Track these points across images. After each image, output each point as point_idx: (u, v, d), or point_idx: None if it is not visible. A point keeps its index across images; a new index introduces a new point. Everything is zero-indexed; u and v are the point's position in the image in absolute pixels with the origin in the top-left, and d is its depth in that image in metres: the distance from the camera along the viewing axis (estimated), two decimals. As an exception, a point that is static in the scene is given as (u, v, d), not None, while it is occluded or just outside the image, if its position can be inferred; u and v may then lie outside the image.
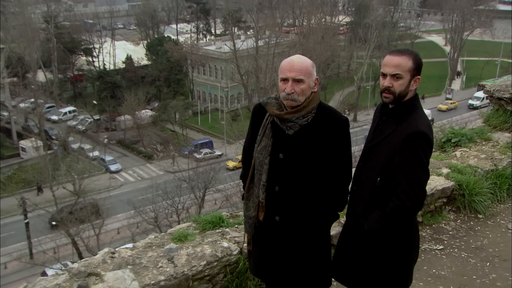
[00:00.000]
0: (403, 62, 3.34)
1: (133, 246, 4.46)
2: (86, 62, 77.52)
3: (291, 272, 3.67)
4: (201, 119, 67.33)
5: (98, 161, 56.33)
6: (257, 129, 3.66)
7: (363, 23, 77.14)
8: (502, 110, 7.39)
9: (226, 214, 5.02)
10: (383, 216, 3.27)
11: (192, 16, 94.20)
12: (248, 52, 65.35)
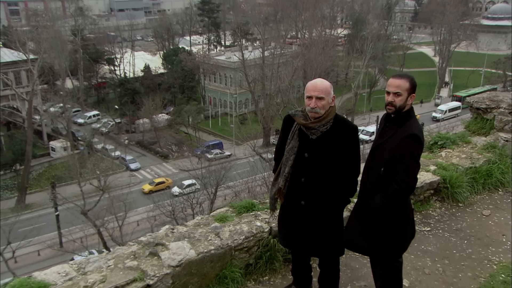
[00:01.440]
0: (402, 83, 4.03)
1: (185, 225, 5.12)
2: (108, 70, 77.33)
3: (313, 243, 4.30)
4: (212, 123, 67.42)
5: (120, 160, 56.35)
6: (286, 134, 4.28)
7: (359, 35, 76.62)
8: (480, 118, 7.70)
9: (256, 201, 5.63)
10: (385, 196, 3.90)
11: (204, 29, 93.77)
12: (255, 61, 64.97)
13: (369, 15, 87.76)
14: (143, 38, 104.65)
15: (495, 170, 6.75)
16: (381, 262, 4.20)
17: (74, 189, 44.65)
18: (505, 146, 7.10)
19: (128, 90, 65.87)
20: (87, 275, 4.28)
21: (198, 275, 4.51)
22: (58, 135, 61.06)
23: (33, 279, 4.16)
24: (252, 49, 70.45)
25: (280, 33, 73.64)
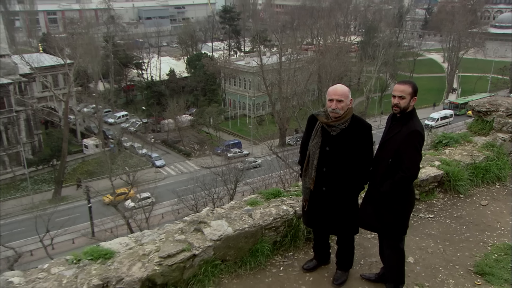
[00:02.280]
0: (406, 88, 4.45)
1: (222, 207, 5.64)
2: (136, 74, 78.05)
3: (332, 223, 4.77)
4: (231, 123, 67.62)
5: (146, 157, 56.68)
6: (310, 131, 4.76)
7: (372, 42, 76.38)
8: (481, 120, 7.98)
9: (281, 189, 6.12)
10: (393, 182, 4.38)
11: (225, 35, 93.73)
12: (272, 66, 64.74)
13: (381, 23, 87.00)
14: (169, 44, 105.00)
15: (493, 166, 7.04)
16: (389, 238, 4.63)
17: (106, 183, 45.51)
18: (503, 145, 7.39)
19: (154, 92, 66.51)
20: (144, 246, 4.85)
21: (234, 248, 5.03)
22: (90, 134, 61.69)
23: (101, 248, 4.75)
24: (270, 55, 70.18)
25: (296, 40, 73.38)
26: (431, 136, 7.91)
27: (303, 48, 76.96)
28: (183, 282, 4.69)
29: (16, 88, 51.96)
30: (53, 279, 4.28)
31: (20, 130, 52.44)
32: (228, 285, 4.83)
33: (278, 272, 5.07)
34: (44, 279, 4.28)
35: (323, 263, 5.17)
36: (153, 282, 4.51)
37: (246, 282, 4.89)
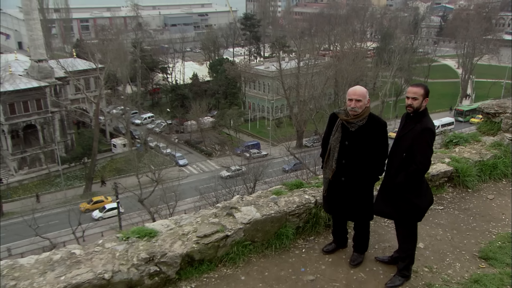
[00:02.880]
0: (418, 90, 4.72)
1: (250, 196, 6.02)
2: (162, 78, 78.64)
3: (350, 209, 5.08)
4: (251, 125, 67.98)
5: (170, 156, 57.24)
6: (331, 127, 5.07)
7: (387, 48, 75.87)
8: (489, 121, 8.18)
9: (303, 181, 6.48)
10: (406, 174, 4.67)
11: (245, 41, 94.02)
12: (291, 71, 64.95)
13: (397, 30, 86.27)
14: (192, 49, 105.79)
15: (500, 163, 7.24)
16: (403, 225, 4.93)
17: (133, 180, 46.14)
18: (510, 144, 7.59)
19: (178, 95, 67.57)
20: (183, 227, 5.28)
21: (261, 231, 5.42)
22: (118, 134, 62.77)
23: (146, 228, 5.21)
24: (289, 60, 70.38)
25: (314, 45, 73.36)
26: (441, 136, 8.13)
27: (321, 54, 76.79)
28: (217, 259, 5.11)
29: (52, 91, 53.13)
30: (108, 252, 4.75)
31: (55, 129, 53.53)
32: (256, 264, 5.21)
33: (301, 253, 5.43)
34: (100, 251, 4.76)
35: (341, 246, 5.48)
36: (191, 257, 4.95)
37: (272, 261, 5.25)
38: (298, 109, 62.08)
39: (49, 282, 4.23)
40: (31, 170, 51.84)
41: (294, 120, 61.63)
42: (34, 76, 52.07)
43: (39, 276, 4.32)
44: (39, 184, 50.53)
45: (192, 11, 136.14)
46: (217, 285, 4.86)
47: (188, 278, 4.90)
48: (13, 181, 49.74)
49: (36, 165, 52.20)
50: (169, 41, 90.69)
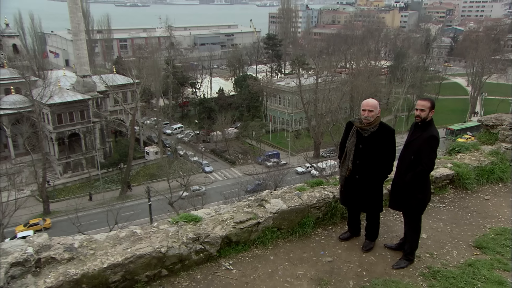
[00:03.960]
0: (425, 103, 5.17)
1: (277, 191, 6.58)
2: (191, 92, 79.48)
3: (363, 202, 5.57)
4: (271, 136, 68.03)
5: (197, 164, 57.78)
6: (347, 133, 5.56)
7: (400, 67, 75.19)
8: (488, 132, 8.49)
9: (323, 179, 7.00)
10: (414, 174, 5.11)
11: (268, 59, 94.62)
12: (309, 87, 64.87)
13: (410, 50, 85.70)
14: (219, 66, 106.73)
15: (497, 169, 7.56)
16: (410, 217, 5.37)
17: (164, 184, 46.93)
18: (506, 153, 7.87)
19: (205, 108, 68.32)
20: (222, 215, 5.87)
21: (287, 220, 5.95)
22: (151, 142, 63.65)
23: (192, 214, 5.83)
24: (308, 77, 70.24)
25: (331, 63, 73.21)
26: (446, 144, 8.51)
27: (338, 71, 76.60)
28: (250, 242, 5.66)
29: (94, 103, 54.21)
30: (162, 232, 5.39)
31: (95, 138, 54.44)
32: (282, 247, 5.72)
33: (320, 240, 5.93)
34: (156, 232, 5.41)
35: (355, 235, 5.94)
36: (229, 239, 5.53)
37: (296, 245, 5.77)
38: (316, 122, 61.88)
39: (119, 253, 4.90)
40: (74, 173, 52.92)
41: (312, 132, 61.71)
42: (79, 90, 53.36)
43: (110, 247, 5.00)
44: (81, 187, 51.50)
45: (220, 32, 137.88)
46: (250, 262, 5.37)
47: (227, 256, 5.43)
48: (58, 183, 50.97)
49: (78, 170, 53.32)
50: (198, 58, 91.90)
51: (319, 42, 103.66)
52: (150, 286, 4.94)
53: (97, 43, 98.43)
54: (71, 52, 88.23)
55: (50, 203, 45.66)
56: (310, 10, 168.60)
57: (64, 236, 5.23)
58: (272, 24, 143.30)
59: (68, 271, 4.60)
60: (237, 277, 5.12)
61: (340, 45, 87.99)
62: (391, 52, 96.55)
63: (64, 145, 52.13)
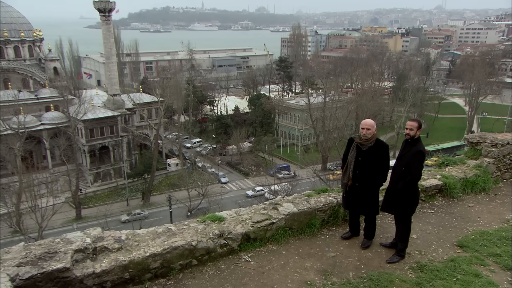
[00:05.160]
0: (413, 124, 5.68)
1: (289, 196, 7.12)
2: (209, 109, 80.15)
3: (361, 206, 6.02)
4: (282, 150, 68.04)
5: (214, 175, 57.98)
6: (349, 147, 6.03)
7: (402, 87, 74.40)
8: (473, 148, 8.82)
9: (328, 188, 7.51)
10: (404, 182, 5.58)
11: (280, 80, 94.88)
12: (318, 105, 65.02)
13: (411, 72, 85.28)
14: (235, 86, 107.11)
15: (480, 181, 7.91)
16: (400, 218, 5.83)
17: (183, 193, 47.49)
18: (488, 166, 8.21)
19: (222, 124, 68.66)
20: (242, 216, 6.38)
21: (297, 221, 6.43)
22: (173, 155, 64.17)
23: (216, 215, 6.39)
24: (316, 96, 70.50)
25: (338, 84, 72.87)
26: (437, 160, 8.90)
27: (344, 91, 76.25)
28: (265, 239, 6.14)
29: (122, 119, 55.25)
30: (192, 229, 5.95)
31: (123, 150, 55.31)
32: (293, 243, 6.18)
33: (325, 238, 6.38)
34: (187, 228, 5.98)
35: (355, 234, 6.37)
36: (248, 236, 6.03)
37: (304, 242, 6.23)
38: (324, 137, 61.91)
39: (158, 244, 5.49)
40: (103, 182, 53.69)
41: (320, 146, 61.63)
42: (109, 107, 54.49)
43: (151, 240, 5.59)
44: (109, 195, 52.16)
45: (236, 55, 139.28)
46: (266, 256, 5.85)
47: (246, 250, 5.90)
48: (89, 191, 51.79)
49: (107, 179, 54.10)
50: (216, 79, 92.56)
51: (327, 64, 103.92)
52: (183, 273, 5.43)
53: (125, 65, 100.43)
54: (103, 73, 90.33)
55: (82, 209, 46.44)
56: (318, 35, 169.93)
57: (113, 230, 5.87)
58: (284, 48, 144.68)
59: (118, 258, 5.19)
60: (254, 268, 5.55)
61: (346, 67, 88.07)
62: (393, 74, 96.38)
63: (95, 157, 53.15)
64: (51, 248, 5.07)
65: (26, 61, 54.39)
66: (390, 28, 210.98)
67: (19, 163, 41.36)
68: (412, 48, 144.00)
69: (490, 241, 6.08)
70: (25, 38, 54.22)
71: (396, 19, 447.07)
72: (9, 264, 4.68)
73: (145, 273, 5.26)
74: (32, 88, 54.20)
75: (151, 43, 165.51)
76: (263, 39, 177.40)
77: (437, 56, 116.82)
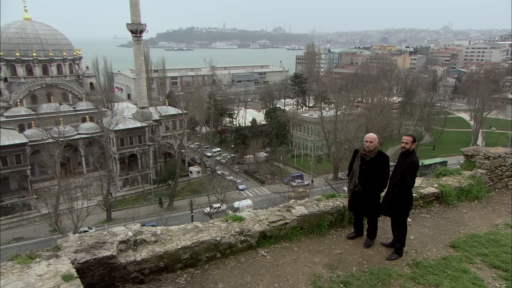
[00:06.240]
0: (409, 138, 6.04)
1: (300, 200, 7.57)
2: (229, 121, 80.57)
3: (365, 209, 6.37)
4: (296, 160, 68.02)
5: (232, 182, 58.33)
6: (354, 157, 6.41)
7: (410, 102, 74.13)
8: (468, 160, 9.03)
9: (336, 193, 7.92)
10: (400, 188, 5.93)
11: (294, 94, 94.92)
12: (330, 118, 64.79)
13: (418, 88, 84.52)
14: (253, 100, 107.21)
15: (473, 190, 8.14)
16: (397, 221, 6.17)
17: (204, 199, 48.01)
18: (481, 177, 8.43)
19: (240, 135, 69.01)
20: (259, 216, 6.81)
21: (308, 222, 6.82)
22: (194, 163, 64.79)
23: (237, 215, 6.89)
24: (328, 110, 70.18)
25: (349, 98, 72.98)
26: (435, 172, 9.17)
27: (355, 105, 75.85)
28: (280, 237, 6.53)
29: (149, 129, 56.15)
30: (217, 226, 6.40)
31: (149, 158, 56.05)
32: (304, 242, 6.55)
33: (332, 238, 6.74)
34: (212, 226, 6.45)
35: (359, 235, 6.70)
36: (264, 234, 6.44)
37: (314, 241, 6.60)
38: (335, 148, 61.65)
39: (188, 239, 5.98)
40: (131, 188, 54.45)
41: (332, 157, 61.35)
42: (138, 118, 55.52)
43: (181, 235, 6.09)
44: (136, 199, 52.83)
45: (254, 71, 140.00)
46: (280, 251, 6.23)
47: (263, 246, 6.27)
48: (118, 195, 52.61)
49: (134, 184, 54.84)
50: (235, 93, 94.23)
51: (338, 80, 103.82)
52: (208, 264, 5.86)
53: (153, 80, 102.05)
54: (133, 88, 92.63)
55: (112, 211, 47.27)
56: (331, 53, 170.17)
57: (150, 226, 6.44)
58: (299, 64, 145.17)
59: (154, 249, 5.71)
60: (270, 261, 5.93)
61: (357, 83, 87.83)
62: (402, 90, 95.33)
63: (124, 164, 54.04)
64: (101, 239, 5.65)
65: (67, 77, 56.50)
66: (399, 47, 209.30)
67: (58, 169, 42.77)
68: (419, 65, 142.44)
69: (479, 242, 6.34)
70: (67, 57, 56.46)
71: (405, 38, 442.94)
72: (68, 250, 5.28)
73: (176, 262, 5.71)
74: (71, 101, 56.10)
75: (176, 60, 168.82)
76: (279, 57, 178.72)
77: (443, 73, 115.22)
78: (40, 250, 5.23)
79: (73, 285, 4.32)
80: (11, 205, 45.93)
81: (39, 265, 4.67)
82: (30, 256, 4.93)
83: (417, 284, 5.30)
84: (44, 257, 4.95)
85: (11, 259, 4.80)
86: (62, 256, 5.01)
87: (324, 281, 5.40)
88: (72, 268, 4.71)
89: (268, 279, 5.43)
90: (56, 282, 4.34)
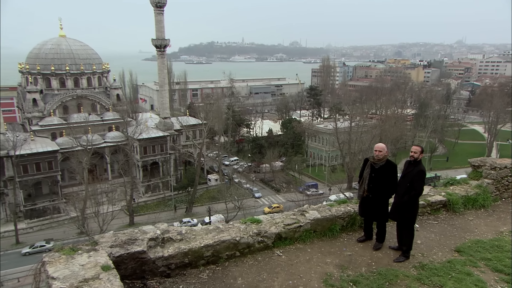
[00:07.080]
0: (417, 148, 6.24)
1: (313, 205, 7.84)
2: (246, 131, 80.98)
3: (374, 214, 6.58)
4: (311, 169, 67.75)
5: (248, 190, 58.58)
6: (365, 165, 6.64)
7: (424, 114, 73.18)
8: (475, 170, 9.11)
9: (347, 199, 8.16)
10: (409, 196, 6.11)
11: (310, 106, 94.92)
12: (344, 129, 64.52)
13: (432, 100, 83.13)
14: (269, 111, 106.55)
15: (480, 198, 8.21)
16: (405, 226, 6.34)
17: (221, 206, 48.27)
18: (487, 186, 8.49)
19: (257, 144, 69.45)
20: (275, 219, 7.12)
21: (321, 225, 7.06)
22: (213, 171, 65.23)
23: (255, 218, 7.22)
24: (343, 121, 69.85)
25: (363, 110, 72.21)
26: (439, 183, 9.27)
27: (369, 117, 75.12)
28: (294, 238, 6.79)
29: (171, 139, 56.97)
30: (236, 227, 6.73)
31: (170, 166, 56.77)
32: (316, 244, 6.78)
33: (343, 240, 6.95)
34: (232, 227, 6.80)
35: (369, 238, 6.89)
36: (280, 235, 6.71)
37: (326, 243, 6.83)
38: (349, 159, 61.22)
39: (210, 238, 6.34)
40: (153, 194, 55.23)
41: (346, 167, 60.98)
42: (160, 128, 56.59)
43: (204, 234, 6.46)
44: (157, 204, 53.56)
45: (271, 83, 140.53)
46: (294, 252, 6.48)
47: (279, 247, 6.53)
48: (141, 201, 53.52)
49: (156, 191, 55.64)
50: (253, 104, 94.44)
51: (353, 93, 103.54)
52: (228, 261, 6.15)
53: (175, 92, 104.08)
54: (156, 99, 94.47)
55: (134, 216, 47.99)
56: (346, 66, 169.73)
57: (176, 226, 6.86)
58: (314, 77, 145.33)
59: (180, 246, 6.09)
60: (285, 261, 6.18)
61: (371, 95, 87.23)
62: (415, 102, 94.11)
63: (147, 171, 55.04)
64: (133, 236, 6.10)
65: (96, 89, 58.51)
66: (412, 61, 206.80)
67: (85, 175, 44.10)
68: (433, 79, 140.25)
69: (483, 248, 6.45)
70: (96, 70, 58.61)
71: (419, 52, 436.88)
72: (105, 245, 5.74)
73: (200, 259, 6.05)
74: (99, 111, 57.95)
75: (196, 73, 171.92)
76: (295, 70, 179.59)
77: (457, 86, 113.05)
78: (80, 244, 5.71)
79: (111, 274, 4.76)
80: (43, 208, 47.55)
81: (81, 256, 5.14)
82: (73, 249, 5.42)
83: (422, 284, 5.48)
84: (85, 250, 5.42)
85: (57, 251, 5.29)
86: (100, 250, 5.47)
87: (335, 279, 5.62)
88: (109, 260, 5.15)
89: (283, 277, 5.67)
90: (96, 271, 4.79)
